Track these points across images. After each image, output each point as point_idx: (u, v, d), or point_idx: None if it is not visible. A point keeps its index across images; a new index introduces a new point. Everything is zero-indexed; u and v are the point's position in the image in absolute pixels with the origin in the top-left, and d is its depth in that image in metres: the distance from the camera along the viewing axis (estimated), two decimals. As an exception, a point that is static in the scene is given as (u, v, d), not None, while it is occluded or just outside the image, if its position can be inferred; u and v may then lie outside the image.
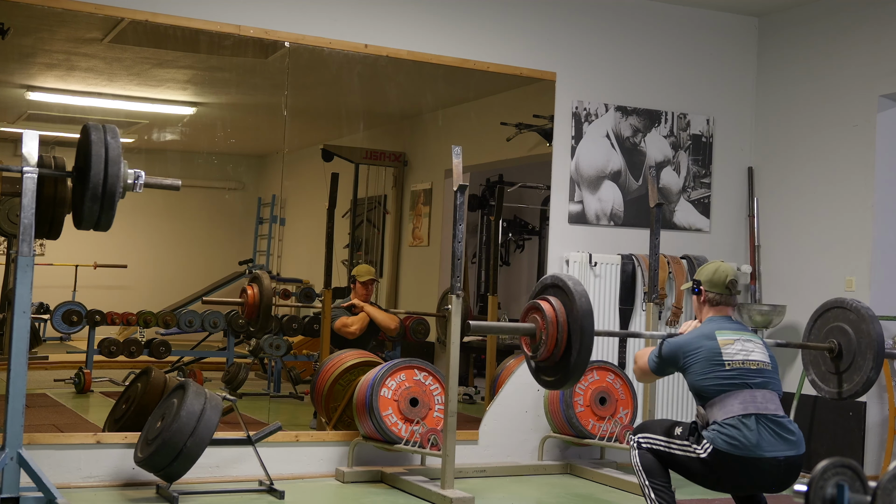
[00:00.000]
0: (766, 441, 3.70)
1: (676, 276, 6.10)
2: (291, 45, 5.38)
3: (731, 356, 3.83)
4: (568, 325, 3.71)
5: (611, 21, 6.22)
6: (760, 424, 3.72)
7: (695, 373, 3.85)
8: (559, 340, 3.71)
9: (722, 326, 3.94)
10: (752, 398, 3.76)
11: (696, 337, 3.92)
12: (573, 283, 3.74)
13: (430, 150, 7.50)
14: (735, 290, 4.05)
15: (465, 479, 5.43)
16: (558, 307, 3.74)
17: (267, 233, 8.10)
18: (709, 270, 4.07)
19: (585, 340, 3.67)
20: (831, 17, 6.16)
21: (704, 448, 3.75)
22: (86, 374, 6.97)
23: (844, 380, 4.24)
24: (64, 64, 6.36)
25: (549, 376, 3.84)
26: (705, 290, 4.04)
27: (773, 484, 3.76)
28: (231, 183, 8.35)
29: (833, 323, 4.30)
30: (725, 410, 3.75)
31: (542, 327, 3.75)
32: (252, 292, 6.06)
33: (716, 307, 4.03)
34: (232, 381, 7.09)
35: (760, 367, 3.85)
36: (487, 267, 7.19)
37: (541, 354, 3.78)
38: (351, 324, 6.40)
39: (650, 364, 4.05)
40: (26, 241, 3.83)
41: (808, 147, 6.18)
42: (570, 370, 3.72)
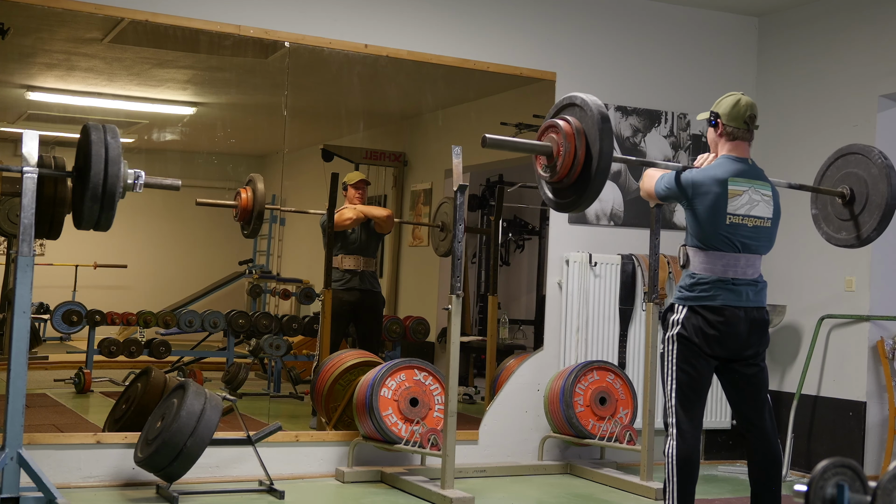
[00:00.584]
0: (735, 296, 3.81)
1: (676, 276, 6.09)
2: (291, 45, 5.38)
3: (735, 209, 3.81)
4: (586, 137, 3.65)
5: (611, 21, 6.22)
6: (732, 284, 3.81)
7: (696, 214, 3.84)
8: (577, 155, 3.66)
9: (737, 171, 3.86)
10: (734, 262, 3.82)
11: (709, 178, 3.83)
12: (590, 98, 3.69)
13: (430, 150, 7.50)
14: (753, 124, 3.93)
15: (465, 479, 5.43)
16: (575, 122, 3.70)
17: (267, 233, 8.10)
18: (728, 103, 3.93)
19: (604, 154, 3.59)
20: (831, 17, 6.16)
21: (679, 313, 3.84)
22: (86, 374, 6.97)
23: (861, 223, 4.18)
24: (64, 64, 6.37)
25: (566, 197, 3.79)
26: (723, 123, 3.91)
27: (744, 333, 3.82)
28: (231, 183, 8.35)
29: (843, 170, 4.25)
30: (706, 266, 3.82)
31: (560, 143, 3.70)
32: (246, 195, 6.02)
33: (733, 141, 3.91)
34: (232, 381, 7.10)
35: (757, 226, 3.86)
36: (487, 267, 7.20)
37: (559, 171, 3.72)
38: (346, 214, 6.41)
39: (657, 189, 3.99)
40: (26, 241, 3.83)
41: (808, 147, 6.18)
42: (587, 187, 3.65)
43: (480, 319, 7.85)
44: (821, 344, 5.98)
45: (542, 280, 6.60)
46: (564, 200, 3.83)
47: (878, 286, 5.78)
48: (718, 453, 6.33)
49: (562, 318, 5.94)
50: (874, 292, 5.76)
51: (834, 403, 5.87)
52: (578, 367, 5.68)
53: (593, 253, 6.01)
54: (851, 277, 5.87)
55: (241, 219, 6.04)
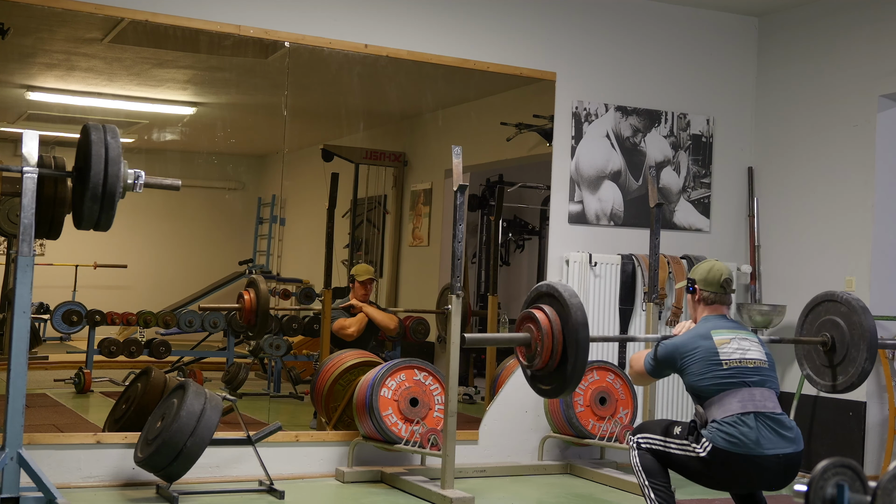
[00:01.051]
0: (765, 438, 3.70)
1: (676, 276, 6.10)
2: (291, 45, 5.38)
3: (728, 355, 3.83)
4: (563, 335, 3.71)
5: (611, 21, 6.22)
6: (759, 422, 3.72)
7: (692, 373, 3.85)
8: (554, 351, 3.72)
9: (718, 325, 3.94)
10: (750, 396, 3.76)
11: (692, 337, 3.91)
12: (567, 292, 3.74)
13: (430, 150, 7.50)
14: (730, 288, 4.05)
15: (465, 479, 5.43)
16: (553, 317, 3.74)
17: (267, 233, 8.10)
18: (703, 269, 4.07)
19: (581, 352, 3.67)
20: (831, 17, 6.16)
21: (704, 447, 3.75)
22: (86, 374, 6.97)
23: (839, 372, 4.23)
24: (64, 64, 6.36)
25: (546, 385, 3.84)
26: (700, 289, 4.05)
27: (773, 481, 3.76)
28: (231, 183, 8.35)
29: (825, 316, 4.30)
30: (724, 409, 3.75)
31: (538, 338, 3.76)
32: (249, 297, 6.06)
33: (710, 306, 4.03)
34: (232, 381, 7.09)
35: (757, 366, 3.85)
36: (487, 267, 7.19)
37: (536, 364, 3.79)
38: (348, 325, 6.39)
39: (646, 367, 4.04)
40: (26, 241, 3.83)
41: (808, 147, 6.18)
42: (566, 380, 3.72)
43: (480, 319, 7.85)
44: (821, 344, 5.98)
45: (542, 280, 6.60)
46: (548, 387, 3.87)
47: (878, 286, 5.78)
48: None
49: (562, 318, 5.93)
50: (874, 292, 5.76)
51: (834, 403, 5.87)
52: (578, 367, 5.67)
53: (593, 253, 6.01)
54: (851, 277, 5.86)
55: (245, 321, 6.05)
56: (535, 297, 3.89)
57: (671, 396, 6.14)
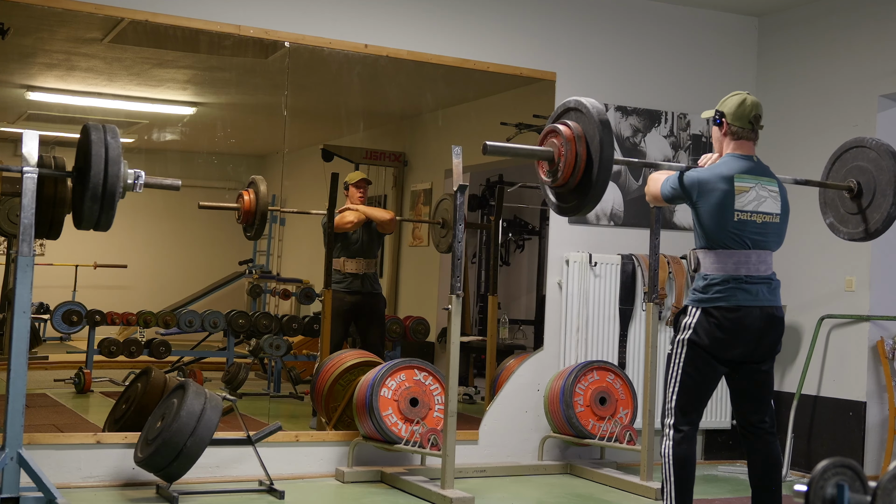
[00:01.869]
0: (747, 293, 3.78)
1: (676, 276, 6.10)
2: (291, 45, 5.38)
3: (742, 206, 3.79)
4: (587, 141, 3.67)
5: (611, 21, 6.22)
6: (746, 282, 3.78)
7: (703, 212, 3.81)
8: (578, 159, 3.67)
9: (742, 168, 3.84)
10: (745, 259, 3.80)
11: (714, 176, 3.82)
12: (593, 106, 3.70)
13: (430, 150, 7.50)
14: (758, 124, 3.92)
15: (465, 479, 5.43)
16: (577, 130, 3.71)
17: (267, 233, 8.10)
18: (733, 102, 3.91)
19: (603, 165, 3.61)
20: (831, 17, 6.16)
21: (693, 315, 3.80)
22: (86, 374, 6.97)
23: (868, 217, 4.17)
24: (64, 64, 6.37)
25: (568, 202, 3.80)
26: (728, 123, 3.90)
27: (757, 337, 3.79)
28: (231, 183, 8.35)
29: (852, 163, 4.24)
30: (719, 266, 3.79)
31: (561, 151, 3.71)
32: (248, 198, 6.02)
33: (737, 141, 3.90)
34: (232, 381, 7.09)
35: (765, 221, 3.84)
36: (487, 267, 7.20)
37: (561, 176, 3.73)
38: (347, 215, 6.39)
39: (663, 191, 3.96)
40: (26, 241, 3.83)
41: (808, 147, 6.18)
42: (589, 191, 3.66)
43: (480, 319, 7.85)
44: (821, 344, 5.98)
45: (542, 280, 6.60)
46: (568, 204, 3.84)
47: (878, 286, 5.78)
48: (718, 453, 6.33)
49: (562, 318, 5.94)
50: (874, 292, 5.76)
51: (834, 403, 5.87)
52: (578, 367, 5.68)
53: (593, 253, 6.01)
54: (851, 277, 5.86)
55: (243, 221, 6.04)
56: (561, 113, 3.86)
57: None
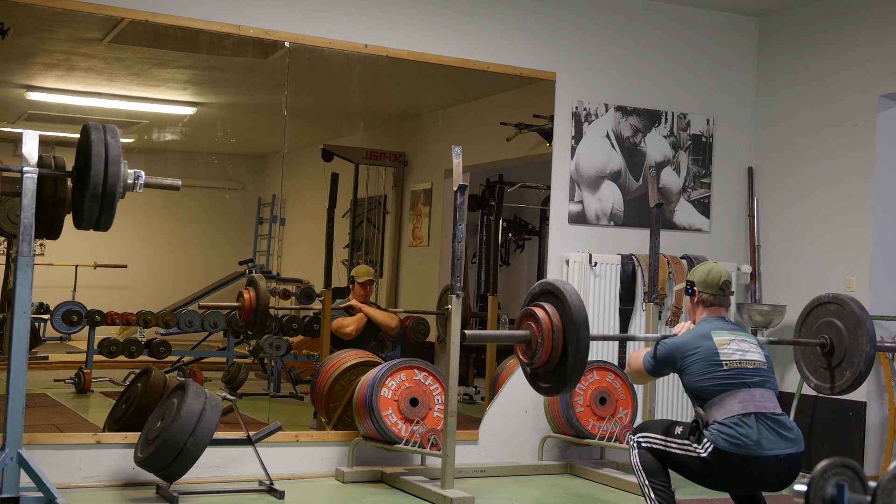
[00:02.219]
0: (765, 439, 3.70)
1: (676, 276, 6.10)
2: (291, 45, 5.38)
3: (729, 356, 3.84)
4: (563, 332, 3.72)
5: (611, 21, 6.22)
6: (760, 423, 3.72)
7: (693, 374, 3.85)
8: (555, 347, 3.73)
9: (717, 327, 3.95)
10: (750, 397, 3.77)
11: (692, 337, 3.92)
12: (568, 290, 3.74)
13: (430, 150, 7.50)
14: (728, 290, 4.06)
15: (465, 479, 5.43)
16: (553, 314, 3.75)
17: (267, 233, 8.10)
18: (702, 271, 4.08)
19: (581, 351, 3.68)
20: (831, 17, 6.16)
21: (705, 447, 3.75)
22: (86, 374, 6.97)
23: (837, 375, 4.25)
24: (64, 64, 6.36)
25: (546, 383, 3.85)
26: (699, 291, 4.06)
27: (774, 482, 3.76)
28: (231, 183, 8.35)
29: (824, 318, 4.31)
30: (725, 410, 3.75)
31: (538, 334, 3.76)
32: (248, 296, 6.07)
33: (709, 308, 4.05)
34: (232, 381, 7.09)
35: (757, 367, 3.86)
36: (487, 267, 7.19)
37: (537, 361, 3.79)
38: (347, 324, 6.39)
39: (646, 366, 4.05)
40: (26, 241, 3.83)
41: (808, 147, 6.18)
42: (566, 377, 3.73)
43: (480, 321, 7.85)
44: (821, 344, 5.98)
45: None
46: (545, 385, 3.88)
47: (878, 286, 5.78)
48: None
49: (562, 318, 5.93)
50: (874, 292, 5.76)
51: (834, 403, 5.87)
52: (578, 367, 5.67)
53: (593, 253, 6.01)
54: (851, 277, 5.86)
55: (245, 320, 6.05)
56: (536, 295, 3.90)
57: (671, 396, 6.14)
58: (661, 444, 3.89)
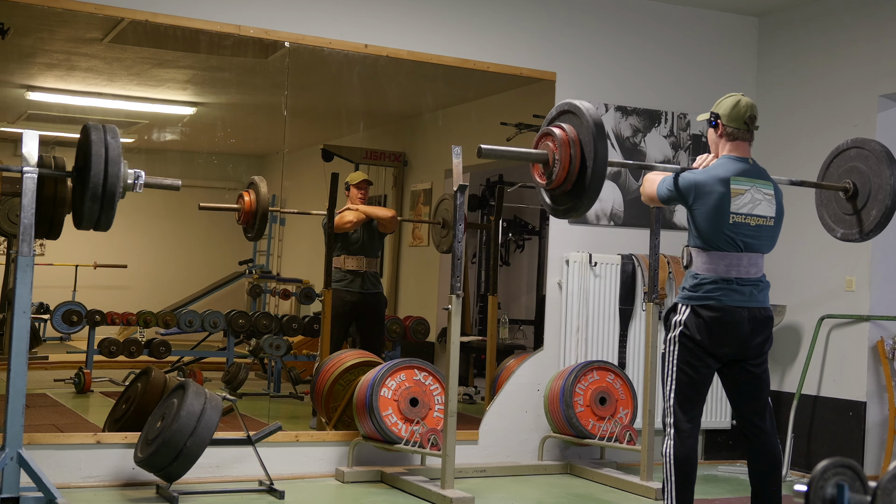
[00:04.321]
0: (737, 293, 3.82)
1: (676, 276, 6.10)
2: (291, 45, 5.38)
3: (738, 208, 3.82)
4: (581, 146, 3.69)
5: (611, 21, 6.22)
6: (734, 286, 3.82)
7: (699, 215, 3.84)
8: (572, 162, 3.70)
9: (738, 170, 3.87)
10: (737, 262, 3.83)
11: (711, 178, 3.84)
12: (587, 109, 3.71)
13: (430, 150, 7.50)
14: (753, 125, 3.95)
15: (465, 479, 5.43)
16: (570, 130, 3.73)
17: (267, 233, 8.10)
18: (728, 104, 3.95)
19: (598, 162, 3.63)
20: (831, 17, 6.16)
21: (682, 312, 3.85)
22: (86, 374, 6.97)
23: (863, 218, 4.20)
24: (64, 64, 6.37)
25: (562, 204, 3.82)
26: (723, 124, 3.93)
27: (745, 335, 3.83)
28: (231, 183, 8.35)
29: (844, 165, 4.26)
30: (709, 267, 3.83)
31: (555, 151, 3.74)
32: (249, 199, 6.02)
33: (733, 142, 3.93)
34: (232, 381, 7.10)
35: (759, 224, 3.87)
36: (487, 267, 7.20)
37: (554, 180, 3.75)
38: (346, 215, 6.40)
39: (660, 192, 3.98)
40: (26, 241, 3.83)
41: (808, 147, 6.18)
42: (583, 193, 3.69)
43: (480, 319, 7.85)
44: (821, 344, 5.98)
45: (542, 280, 6.61)
46: (562, 206, 3.86)
47: (878, 286, 5.78)
48: (718, 453, 6.33)
49: (562, 318, 5.94)
50: (874, 292, 5.76)
51: (834, 403, 5.87)
52: (578, 367, 5.68)
53: (593, 253, 6.01)
54: (851, 277, 5.86)
55: (244, 222, 6.04)
56: (556, 115, 3.87)
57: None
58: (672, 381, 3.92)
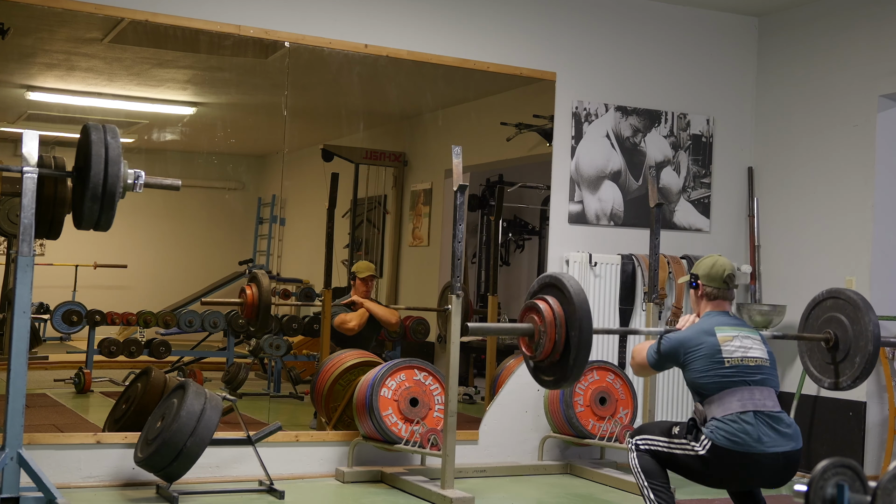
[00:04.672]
0: (764, 435, 3.71)
1: (676, 276, 6.10)
2: (291, 45, 5.38)
3: (731, 353, 3.84)
4: (566, 324, 3.72)
5: (611, 21, 6.22)
6: (759, 420, 3.73)
7: (694, 370, 3.85)
8: (557, 340, 3.73)
9: (721, 322, 3.94)
10: (750, 395, 3.77)
11: (696, 333, 3.91)
12: (570, 282, 3.75)
13: (430, 150, 7.50)
14: (732, 284, 4.04)
15: (465, 479, 5.43)
16: (556, 307, 3.75)
17: (267, 233, 8.10)
18: (706, 265, 4.05)
19: (584, 340, 3.67)
20: (831, 17, 6.16)
21: (703, 445, 3.75)
22: (86, 374, 6.97)
23: (842, 370, 4.24)
24: (64, 64, 6.36)
25: (548, 376, 3.85)
26: (703, 285, 4.03)
27: (772, 479, 3.78)
28: (231, 183, 8.36)
29: (828, 313, 4.30)
30: (724, 407, 3.76)
31: (540, 327, 3.76)
32: (251, 292, 6.07)
33: (713, 301, 4.02)
34: (232, 381, 7.09)
35: (759, 364, 3.87)
36: (487, 267, 7.19)
37: (539, 354, 3.79)
38: (349, 319, 6.39)
39: (649, 359, 4.03)
40: (26, 241, 3.83)
41: (808, 147, 6.18)
42: (568, 370, 3.73)
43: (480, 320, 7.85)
44: (821, 344, 5.98)
45: (542, 280, 6.59)
46: (548, 378, 3.88)
47: (878, 286, 5.78)
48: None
49: (562, 318, 5.93)
50: (874, 292, 5.75)
51: (834, 403, 5.87)
52: (578, 367, 5.67)
53: (593, 253, 6.01)
54: (851, 277, 5.86)
55: (247, 316, 6.05)
56: (540, 288, 3.90)
57: (671, 396, 6.14)
58: (660, 445, 3.89)
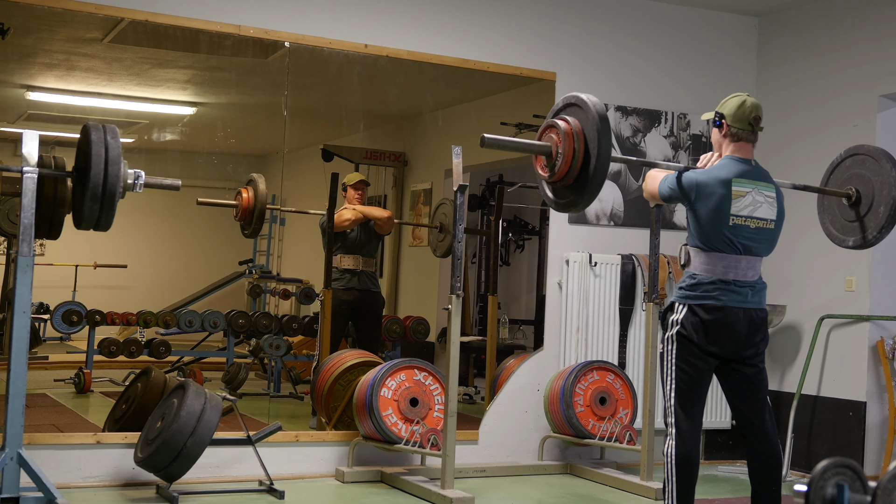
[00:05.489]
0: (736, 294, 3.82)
1: (676, 276, 6.09)
2: (291, 45, 5.38)
3: (738, 210, 3.81)
4: (585, 139, 3.66)
5: (611, 21, 6.22)
6: (732, 287, 3.82)
7: (699, 216, 3.84)
8: (575, 156, 3.68)
9: (740, 172, 3.85)
10: (735, 264, 3.83)
11: (712, 179, 3.83)
12: (592, 101, 3.69)
13: (430, 150, 7.50)
14: (758, 126, 3.92)
15: (465, 479, 5.43)
16: (574, 123, 3.71)
17: (267, 233, 8.10)
18: (734, 104, 3.91)
19: (601, 157, 3.60)
20: (831, 16, 6.16)
21: (679, 312, 3.85)
22: (86, 374, 6.97)
23: (866, 224, 4.17)
24: (64, 64, 6.37)
25: (566, 197, 3.81)
26: (728, 124, 3.90)
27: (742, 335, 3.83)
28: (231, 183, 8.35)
29: (849, 171, 4.23)
30: (707, 268, 3.84)
31: (559, 142, 3.72)
32: (247, 195, 6.03)
33: (737, 143, 3.91)
34: (232, 381, 7.10)
35: (759, 227, 3.86)
36: (487, 267, 7.20)
37: (556, 173, 3.74)
38: (344, 214, 6.44)
39: (661, 190, 3.97)
40: (26, 241, 3.83)
41: (808, 147, 6.18)
42: (585, 187, 3.67)
43: (480, 319, 7.85)
44: (821, 344, 5.98)
45: (542, 280, 6.60)
46: (563, 200, 3.85)
47: (878, 286, 5.78)
48: (718, 453, 6.33)
49: (562, 318, 5.94)
50: (874, 292, 5.76)
51: (834, 403, 5.87)
52: (578, 367, 5.68)
53: (593, 253, 6.01)
54: (851, 277, 5.86)
55: (241, 218, 6.04)
56: (560, 108, 3.85)
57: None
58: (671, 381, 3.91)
